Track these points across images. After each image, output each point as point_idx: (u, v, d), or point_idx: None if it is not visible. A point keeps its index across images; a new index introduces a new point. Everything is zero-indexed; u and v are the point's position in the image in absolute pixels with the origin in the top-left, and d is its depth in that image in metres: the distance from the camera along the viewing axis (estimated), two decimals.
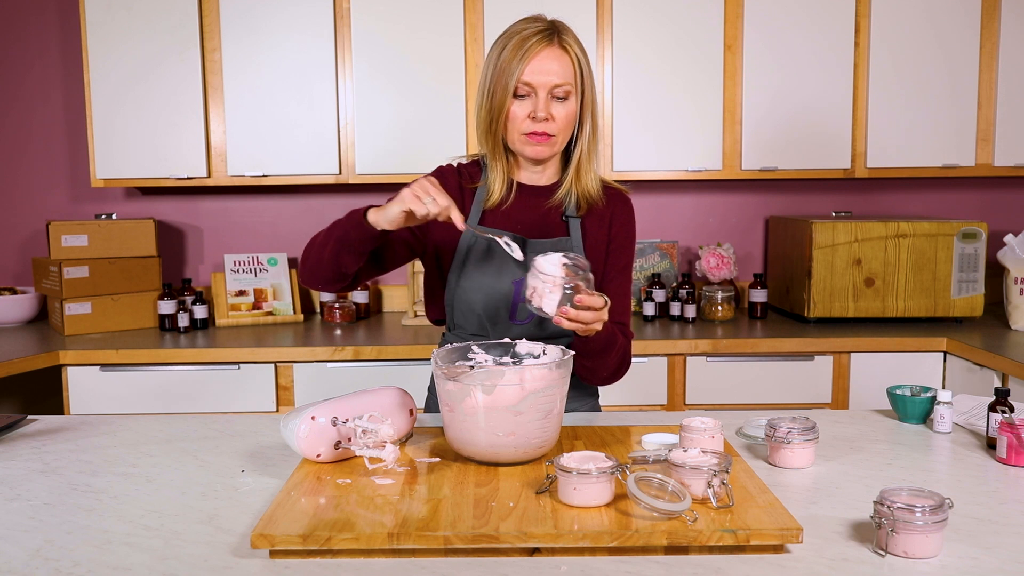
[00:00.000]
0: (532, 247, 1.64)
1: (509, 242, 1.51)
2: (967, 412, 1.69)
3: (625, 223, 1.72)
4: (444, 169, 1.73)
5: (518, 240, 1.61)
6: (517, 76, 1.55)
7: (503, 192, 1.65)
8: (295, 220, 3.41)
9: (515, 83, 1.55)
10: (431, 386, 1.85)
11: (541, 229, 1.67)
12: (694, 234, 3.44)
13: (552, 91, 1.56)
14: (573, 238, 1.67)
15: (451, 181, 1.69)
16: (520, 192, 1.67)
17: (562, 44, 1.57)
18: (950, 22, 3.02)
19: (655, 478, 1.18)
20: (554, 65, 1.55)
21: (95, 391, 2.76)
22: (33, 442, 1.60)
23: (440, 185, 1.46)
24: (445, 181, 1.68)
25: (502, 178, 1.65)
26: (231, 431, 1.65)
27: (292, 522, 1.12)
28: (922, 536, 1.07)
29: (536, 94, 1.56)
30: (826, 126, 3.05)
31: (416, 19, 2.98)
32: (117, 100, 2.99)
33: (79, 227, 3.01)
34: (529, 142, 1.59)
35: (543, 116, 1.55)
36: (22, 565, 1.09)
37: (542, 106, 1.55)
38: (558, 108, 1.57)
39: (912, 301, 2.95)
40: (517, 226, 1.66)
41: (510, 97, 1.57)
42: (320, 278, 1.57)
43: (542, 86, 1.55)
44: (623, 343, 1.62)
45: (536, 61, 1.54)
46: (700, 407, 2.83)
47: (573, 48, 1.57)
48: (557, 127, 1.58)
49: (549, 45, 1.55)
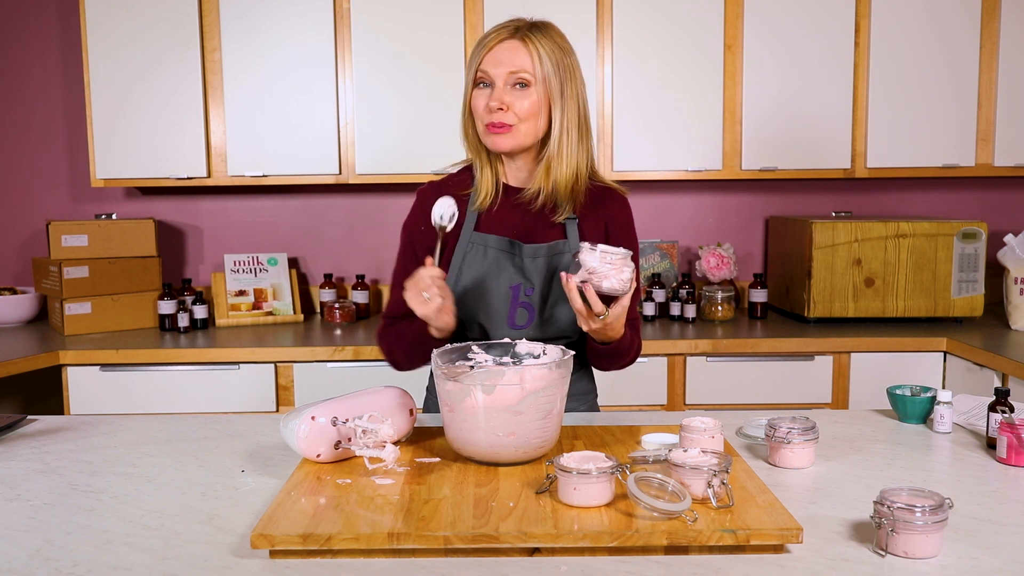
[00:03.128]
0: (527, 252, 1.63)
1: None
2: (967, 412, 1.69)
3: (622, 223, 1.71)
4: (424, 194, 1.72)
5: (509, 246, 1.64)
6: (475, 66, 1.58)
7: (491, 194, 1.65)
8: (295, 220, 3.41)
9: (474, 73, 1.58)
10: (429, 386, 1.85)
11: (534, 231, 1.65)
12: (694, 234, 3.44)
13: (508, 80, 1.56)
14: (570, 241, 1.65)
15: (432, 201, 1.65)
16: (507, 193, 1.67)
17: (523, 37, 1.57)
18: (950, 22, 3.02)
19: (655, 478, 1.18)
20: (510, 55, 1.56)
21: (95, 391, 2.76)
22: (33, 442, 1.60)
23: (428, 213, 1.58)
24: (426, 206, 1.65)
25: (490, 180, 1.65)
26: (231, 431, 1.65)
27: (292, 522, 1.12)
28: (922, 536, 1.07)
29: (493, 84, 1.57)
30: (826, 126, 3.05)
31: (416, 19, 2.98)
32: (117, 100, 2.99)
33: (79, 227, 3.01)
34: (489, 133, 1.59)
35: (496, 105, 1.55)
36: (22, 565, 1.09)
37: (496, 94, 1.56)
38: (517, 97, 1.56)
39: (912, 301, 2.95)
40: (511, 230, 1.65)
41: (472, 88, 1.60)
42: (420, 366, 1.69)
43: (498, 75, 1.56)
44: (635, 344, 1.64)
45: (493, 52, 1.57)
46: (700, 407, 2.83)
47: (536, 41, 1.56)
48: (516, 117, 1.57)
49: (509, 38, 1.57)
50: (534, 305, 1.63)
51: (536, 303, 1.63)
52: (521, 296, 1.63)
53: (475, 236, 1.65)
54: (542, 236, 1.66)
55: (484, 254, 1.64)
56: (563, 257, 1.65)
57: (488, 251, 1.63)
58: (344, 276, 3.43)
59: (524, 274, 1.63)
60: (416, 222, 1.70)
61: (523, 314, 1.64)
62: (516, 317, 1.64)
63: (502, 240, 1.64)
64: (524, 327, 1.64)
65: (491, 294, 1.63)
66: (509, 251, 1.64)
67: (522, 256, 1.64)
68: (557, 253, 1.64)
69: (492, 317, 1.64)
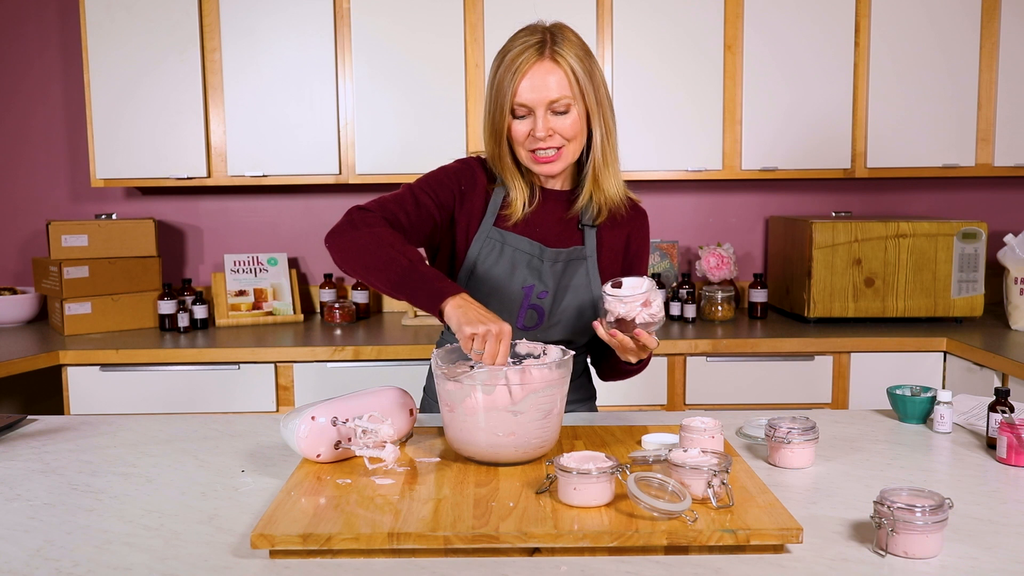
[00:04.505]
0: (548, 255, 1.63)
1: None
2: (967, 412, 1.69)
3: (643, 238, 1.72)
4: (472, 164, 1.66)
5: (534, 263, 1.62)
6: (510, 97, 1.51)
7: (525, 204, 1.62)
8: (295, 220, 3.41)
9: (510, 104, 1.52)
10: (426, 386, 1.84)
11: (558, 237, 1.64)
12: (694, 234, 3.44)
13: (550, 107, 1.51)
14: (587, 247, 1.65)
15: (479, 179, 1.64)
16: (544, 197, 1.65)
17: (554, 56, 1.51)
18: (950, 22, 3.02)
19: (655, 478, 1.18)
20: (547, 81, 1.50)
21: (95, 391, 2.76)
22: (33, 442, 1.60)
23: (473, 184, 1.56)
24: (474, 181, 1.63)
25: (523, 190, 1.61)
26: (231, 431, 1.65)
27: (292, 522, 1.12)
28: (922, 536, 1.07)
29: (534, 112, 1.52)
30: (826, 126, 3.05)
31: (416, 19, 2.98)
32: (117, 100, 2.99)
33: (79, 227, 3.01)
34: (536, 161, 1.56)
35: (542, 135, 1.52)
36: (22, 565, 1.09)
37: (541, 126, 1.51)
38: (559, 122, 1.52)
39: (912, 301, 2.95)
40: (536, 231, 1.63)
41: (508, 117, 1.53)
42: (353, 274, 1.49)
43: (538, 104, 1.51)
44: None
45: (528, 79, 1.50)
46: (700, 407, 2.83)
47: (567, 58, 1.51)
48: (562, 140, 1.54)
49: (540, 60, 1.50)
50: (545, 308, 1.63)
51: (548, 306, 1.63)
52: (533, 298, 1.62)
53: (494, 232, 1.62)
54: (563, 241, 1.65)
55: (501, 251, 1.62)
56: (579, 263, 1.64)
57: (506, 248, 1.62)
58: (344, 276, 3.43)
59: (540, 276, 1.62)
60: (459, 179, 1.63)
61: (532, 316, 1.63)
62: (525, 318, 1.63)
63: (522, 240, 1.62)
64: (532, 328, 1.64)
65: (503, 292, 1.62)
66: (528, 251, 1.62)
67: (542, 259, 1.62)
68: (576, 258, 1.64)
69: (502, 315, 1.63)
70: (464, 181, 1.63)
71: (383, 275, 1.43)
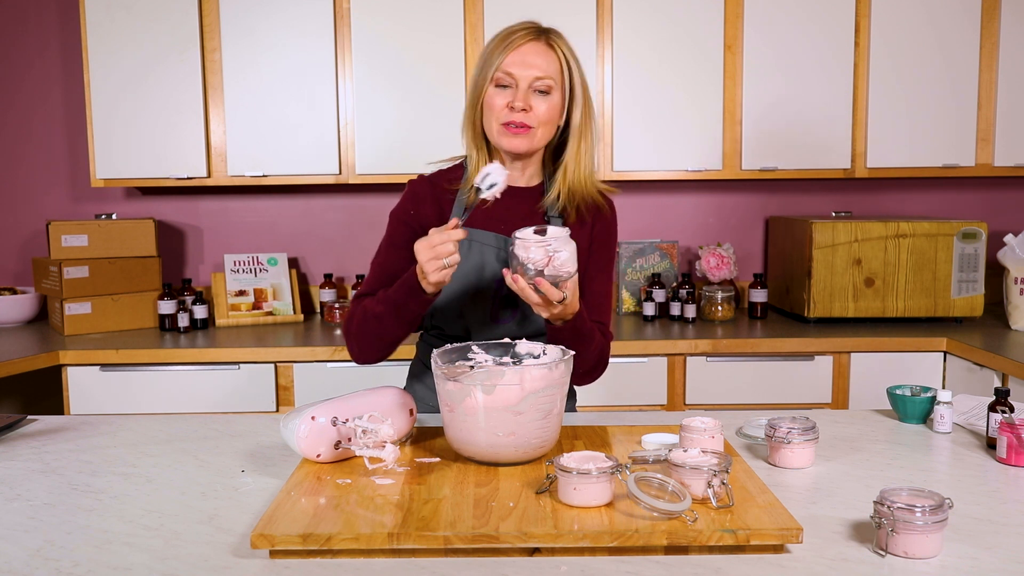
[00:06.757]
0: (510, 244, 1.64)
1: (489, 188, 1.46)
2: (967, 412, 1.69)
3: (607, 224, 1.71)
4: (414, 184, 1.72)
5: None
6: (498, 64, 1.55)
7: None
8: (295, 220, 3.41)
9: (495, 71, 1.55)
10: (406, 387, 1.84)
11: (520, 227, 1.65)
12: (694, 234, 3.44)
13: (533, 84, 1.54)
14: None
15: (424, 192, 1.69)
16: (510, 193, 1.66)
17: (549, 42, 1.56)
18: (950, 22, 3.02)
19: (655, 478, 1.18)
20: (538, 59, 1.55)
21: (95, 391, 2.76)
22: (33, 442, 1.60)
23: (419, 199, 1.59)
24: (418, 196, 1.68)
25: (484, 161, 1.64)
26: (231, 431, 1.65)
27: (292, 522, 1.12)
28: (922, 536, 1.07)
29: (517, 85, 1.55)
30: (826, 126, 3.05)
31: (416, 19, 2.98)
32: (117, 100, 2.99)
33: (79, 227, 3.01)
34: (506, 133, 1.57)
35: (521, 106, 1.54)
36: (22, 565, 1.09)
37: (521, 96, 1.54)
38: (539, 101, 1.55)
39: (912, 301, 2.95)
40: (500, 225, 1.65)
41: (489, 85, 1.56)
42: (383, 355, 1.63)
43: (523, 77, 1.54)
44: (600, 341, 1.61)
45: (519, 52, 1.54)
46: (700, 407, 2.83)
47: (561, 47, 1.57)
48: (537, 120, 1.56)
49: (535, 40, 1.55)
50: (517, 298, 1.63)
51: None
52: (505, 289, 1.63)
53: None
54: None
55: (469, 248, 1.63)
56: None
57: (473, 244, 1.63)
58: (344, 276, 3.43)
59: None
60: (406, 208, 1.69)
61: (507, 304, 1.64)
62: (499, 311, 1.64)
63: (488, 235, 1.64)
64: (507, 322, 1.65)
65: (475, 286, 1.63)
66: (494, 245, 1.64)
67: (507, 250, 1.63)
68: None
69: (475, 310, 1.64)
70: (410, 205, 1.69)
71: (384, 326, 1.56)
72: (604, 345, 1.63)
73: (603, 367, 1.66)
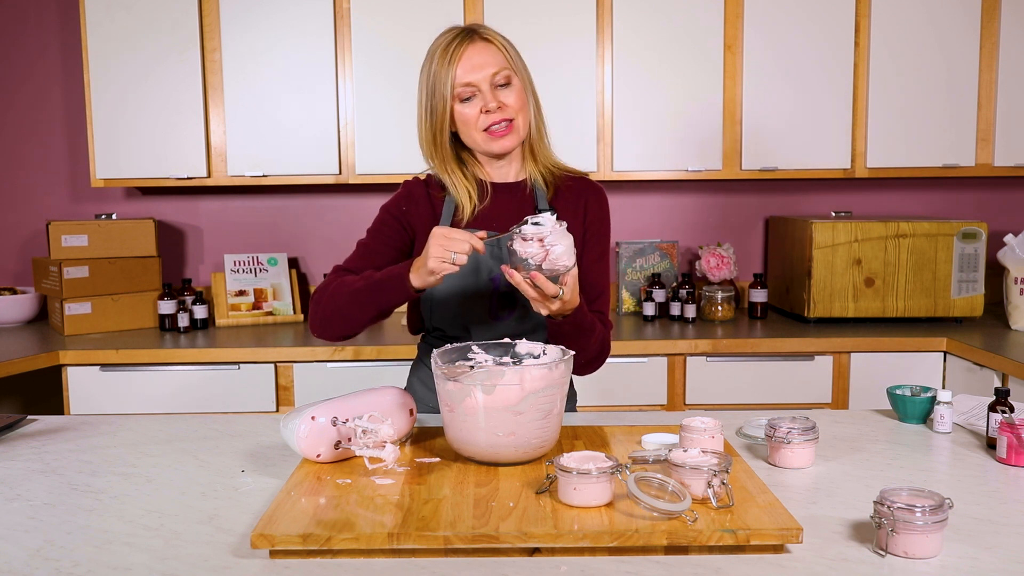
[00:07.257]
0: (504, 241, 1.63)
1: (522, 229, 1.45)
2: (967, 412, 1.69)
3: (599, 212, 1.72)
4: (410, 184, 1.74)
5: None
6: (452, 81, 1.57)
7: (473, 201, 1.65)
8: (295, 220, 3.41)
9: (453, 88, 1.57)
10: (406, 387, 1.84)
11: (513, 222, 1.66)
12: (694, 234, 3.44)
13: (493, 81, 1.58)
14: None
15: (419, 193, 1.70)
16: (495, 191, 1.68)
17: (484, 37, 1.60)
18: (950, 22, 3.02)
19: (655, 478, 1.18)
20: (484, 57, 1.58)
21: (95, 391, 2.76)
22: (33, 442, 1.60)
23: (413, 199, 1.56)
24: (413, 196, 1.70)
25: (467, 187, 1.65)
26: (231, 431, 1.65)
27: (292, 522, 1.12)
28: (922, 536, 1.07)
29: (479, 89, 1.58)
30: (826, 126, 3.05)
31: (416, 19, 2.98)
32: (117, 100, 2.99)
33: (79, 227, 3.01)
34: (491, 138, 1.60)
35: (495, 106, 1.57)
36: (22, 565, 1.09)
37: (490, 97, 1.57)
38: (505, 95, 1.59)
39: (912, 301, 2.95)
40: (492, 225, 1.66)
41: (452, 103, 1.59)
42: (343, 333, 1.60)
43: (482, 80, 1.57)
44: (601, 331, 1.62)
45: (465, 60, 1.57)
46: (700, 407, 2.83)
47: (495, 37, 1.61)
48: (513, 110, 1.59)
49: (472, 42, 1.59)
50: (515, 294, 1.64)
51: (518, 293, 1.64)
52: (502, 286, 1.64)
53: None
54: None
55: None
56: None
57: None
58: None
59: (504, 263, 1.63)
60: (399, 204, 1.71)
61: (505, 302, 1.65)
62: (498, 308, 1.65)
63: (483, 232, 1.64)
64: (506, 319, 1.65)
65: (472, 287, 1.64)
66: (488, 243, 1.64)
67: (501, 246, 1.64)
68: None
69: (474, 308, 1.64)
70: (404, 202, 1.70)
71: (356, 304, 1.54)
72: (605, 335, 1.65)
73: (604, 357, 1.67)
